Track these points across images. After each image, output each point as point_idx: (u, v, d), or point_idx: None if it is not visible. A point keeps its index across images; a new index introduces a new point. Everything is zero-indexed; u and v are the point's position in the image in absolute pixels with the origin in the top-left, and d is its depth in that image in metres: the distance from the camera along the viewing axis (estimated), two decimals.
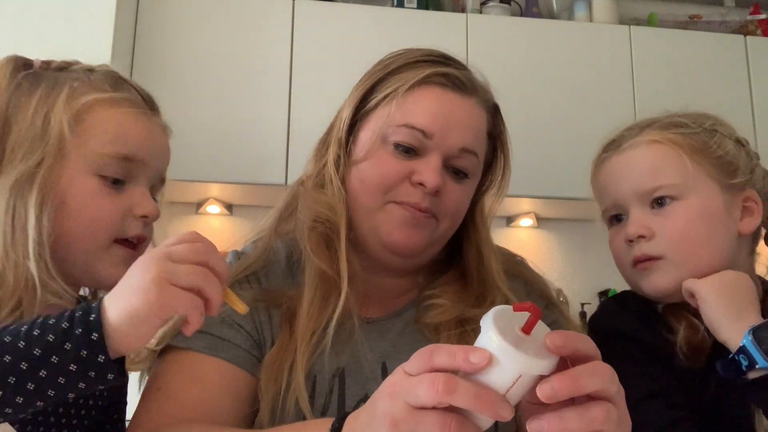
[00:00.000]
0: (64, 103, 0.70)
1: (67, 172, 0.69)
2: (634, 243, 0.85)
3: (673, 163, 0.84)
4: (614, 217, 0.90)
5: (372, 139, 0.83)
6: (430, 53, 0.87)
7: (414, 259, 0.87)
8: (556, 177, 2.29)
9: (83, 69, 0.77)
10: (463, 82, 0.85)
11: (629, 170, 0.87)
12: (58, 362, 0.51)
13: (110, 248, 0.71)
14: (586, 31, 2.52)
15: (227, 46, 2.27)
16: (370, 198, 0.83)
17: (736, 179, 0.85)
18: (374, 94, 0.86)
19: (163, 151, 0.79)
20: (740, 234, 0.85)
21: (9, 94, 0.71)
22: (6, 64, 0.73)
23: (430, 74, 0.83)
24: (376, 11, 2.44)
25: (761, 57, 2.54)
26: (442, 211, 0.83)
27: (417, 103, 0.82)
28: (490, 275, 0.88)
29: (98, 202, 0.70)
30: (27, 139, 0.68)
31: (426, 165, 0.81)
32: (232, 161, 2.15)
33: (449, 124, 0.82)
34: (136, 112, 0.75)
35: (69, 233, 0.69)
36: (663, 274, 0.84)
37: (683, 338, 0.81)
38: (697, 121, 0.88)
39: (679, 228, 0.83)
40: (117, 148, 0.71)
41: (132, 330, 0.55)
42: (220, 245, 2.39)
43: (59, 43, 1.97)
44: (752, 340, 0.72)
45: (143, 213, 0.73)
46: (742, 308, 0.77)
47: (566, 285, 2.55)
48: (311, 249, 0.82)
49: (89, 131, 0.71)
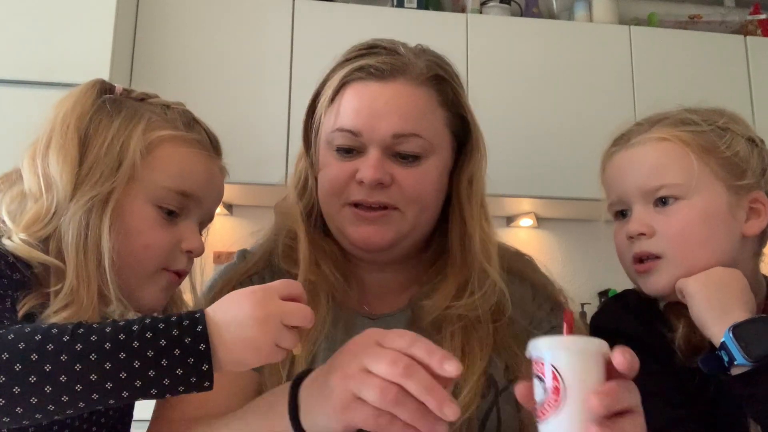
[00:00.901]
0: (140, 134, 0.75)
1: (131, 199, 0.74)
2: (635, 240, 0.85)
3: (678, 162, 0.84)
4: (620, 212, 0.90)
5: (322, 147, 0.87)
6: (353, 48, 0.88)
7: (391, 253, 0.87)
8: (556, 177, 2.29)
9: (161, 104, 0.81)
10: (382, 69, 0.83)
11: (635, 167, 0.86)
12: (167, 365, 0.56)
13: (157, 274, 0.76)
14: (586, 31, 2.52)
15: (227, 46, 2.27)
16: (328, 203, 0.86)
17: (744, 180, 0.84)
18: (317, 105, 0.89)
19: (219, 192, 0.84)
20: (744, 236, 0.84)
21: (92, 114, 0.75)
22: (92, 86, 0.78)
23: (349, 71, 0.84)
24: (376, 11, 2.44)
25: (761, 57, 2.54)
26: (402, 200, 0.83)
27: (342, 105, 0.84)
28: (476, 256, 0.85)
29: (153, 231, 0.74)
30: (105, 162, 0.73)
31: (364, 161, 0.82)
32: (231, 161, 2.14)
33: (373, 115, 0.82)
34: (202, 154, 0.80)
35: (125, 256, 0.73)
36: (662, 275, 0.84)
37: (682, 337, 0.82)
38: (709, 119, 0.87)
39: (679, 228, 0.83)
40: (178, 183, 0.76)
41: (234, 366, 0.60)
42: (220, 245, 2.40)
43: (59, 43, 1.97)
44: (732, 337, 0.72)
45: (189, 248, 0.77)
46: (728, 304, 0.76)
47: (566, 285, 2.51)
48: (282, 261, 0.87)
49: (157, 163, 0.75)
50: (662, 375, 0.83)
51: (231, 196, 2.41)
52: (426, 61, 0.87)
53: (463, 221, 0.87)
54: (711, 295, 0.78)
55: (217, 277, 0.92)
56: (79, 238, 0.70)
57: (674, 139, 0.84)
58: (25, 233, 0.69)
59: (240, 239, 1.00)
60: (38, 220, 0.70)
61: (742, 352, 0.71)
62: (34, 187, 0.71)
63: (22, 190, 0.72)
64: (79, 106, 0.75)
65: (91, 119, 0.74)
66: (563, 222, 2.67)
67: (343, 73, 0.84)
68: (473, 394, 0.78)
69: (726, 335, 0.73)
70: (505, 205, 2.50)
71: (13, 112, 1.78)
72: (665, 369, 0.83)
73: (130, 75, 2.18)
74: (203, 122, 0.84)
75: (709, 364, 0.74)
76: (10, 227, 0.69)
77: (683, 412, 0.80)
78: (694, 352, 0.81)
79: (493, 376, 0.83)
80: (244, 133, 2.19)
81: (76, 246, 0.69)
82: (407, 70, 0.84)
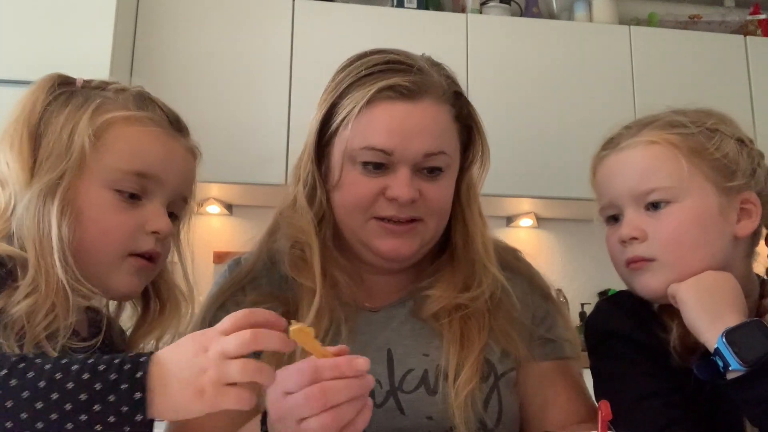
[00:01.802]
0: (88, 120, 0.74)
1: (85, 185, 0.73)
2: (628, 244, 0.85)
3: (668, 166, 0.83)
4: (611, 216, 0.90)
5: (341, 162, 0.86)
6: (376, 63, 0.88)
7: (411, 261, 0.90)
8: (556, 177, 2.29)
9: (116, 88, 0.80)
10: (410, 88, 0.85)
11: (625, 171, 0.86)
12: (100, 411, 0.54)
13: (124, 260, 0.75)
14: (586, 31, 2.52)
15: (227, 46, 2.27)
16: (352, 218, 0.87)
17: (734, 182, 0.84)
18: (333, 117, 0.88)
19: (184, 171, 0.81)
20: (736, 237, 0.84)
21: (42, 108, 0.75)
22: (44, 82, 0.78)
23: (377, 90, 0.84)
24: (376, 11, 2.44)
25: (761, 57, 2.54)
26: (427, 212, 0.86)
27: (371, 123, 0.84)
28: (478, 256, 0.90)
29: (110, 216, 0.73)
30: (54, 152, 0.72)
31: (396, 179, 0.83)
32: (232, 161, 2.15)
33: (406, 136, 0.83)
34: (156, 131, 0.77)
35: (84, 243, 0.72)
36: (655, 276, 0.83)
37: (676, 337, 0.82)
38: (698, 120, 0.87)
39: (671, 231, 0.82)
40: (132, 164, 0.74)
41: (174, 414, 0.58)
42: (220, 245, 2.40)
43: (59, 43, 1.97)
44: (725, 342, 0.72)
45: (154, 229, 0.75)
46: (720, 310, 0.76)
47: (566, 285, 2.55)
48: (291, 272, 0.87)
49: (107, 147, 0.74)
50: (658, 375, 0.83)
51: (231, 196, 2.41)
52: (445, 78, 0.89)
53: (465, 223, 0.91)
54: (703, 301, 0.77)
55: (211, 291, 0.93)
56: (33, 228, 0.69)
57: (663, 143, 0.84)
58: None
59: (240, 239, 1.00)
60: (5, 226, 0.70)
61: (736, 357, 0.71)
62: None
63: None
64: (30, 101, 0.75)
65: (44, 112, 0.75)
66: (563, 222, 2.67)
67: (370, 92, 0.84)
68: (473, 371, 0.82)
69: (719, 341, 0.72)
70: (505, 205, 2.50)
71: None
72: (661, 369, 0.83)
73: (130, 75, 2.18)
74: (160, 101, 0.82)
75: (704, 371, 0.74)
76: None
77: (681, 412, 0.80)
78: (689, 353, 0.81)
79: (491, 361, 0.86)
80: (244, 133, 2.19)
81: (31, 236, 0.69)
82: (432, 89, 0.86)
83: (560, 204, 2.45)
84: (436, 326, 0.86)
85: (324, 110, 0.89)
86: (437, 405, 0.82)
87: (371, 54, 0.90)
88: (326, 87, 0.91)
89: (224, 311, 0.86)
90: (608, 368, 0.87)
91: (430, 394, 0.84)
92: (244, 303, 0.88)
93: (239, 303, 0.88)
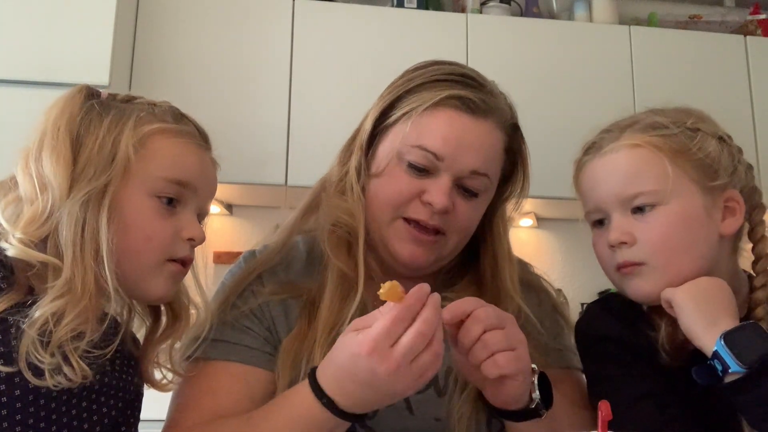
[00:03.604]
0: (131, 130, 0.76)
1: (129, 192, 0.75)
2: (617, 249, 0.85)
3: (653, 169, 0.83)
4: (597, 221, 0.90)
5: (389, 155, 0.87)
6: (451, 72, 0.89)
7: (423, 271, 0.90)
8: (556, 177, 2.27)
9: (147, 102, 0.83)
10: (478, 105, 0.86)
11: (610, 175, 0.86)
12: None
13: (163, 265, 0.77)
14: (586, 31, 2.52)
15: (227, 47, 2.27)
16: (382, 211, 0.87)
17: (717, 181, 0.84)
18: (394, 110, 0.88)
19: (212, 182, 0.86)
20: (722, 236, 0.84)
21: (82, 115, 0.77)
22: (79, 91, 0.80)
23: (447, 96, 0.85)
24: (376, 11, 2.43)
25: (761, 57, 2.53)
26: (451, 228, 0.87)
27: (431, 125, 0.85)
28: (504, 286, 0.90)
29: (153, 222, 0.76)
30: (98, 160, 0.74)
31: (436, 185, 0.84)
32: (232, 161, 2.13)
33: (460, 147, 0.84)
34: (191, 143, 0.82)
35: (126, 248, 0.74)
36: (646, 280, 0.83)
37: (665, 336, 0.82)
38: (678, 120, 0.86)
39: (659, 234, 0.82)
40: (173, 172, 0.78)
41: None
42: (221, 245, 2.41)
43: (59, 43, 1.97)
44: (723, 344, 0.72)
45: (190, 236, 0.79)
46: (716, 314, 0.76)
47: (566, 285, 2.55)
48: (331, 251, 0.87)
49: (150, 156, 0.77)
50: (651, 376, 0.83)
51: (231, 196, 2.40)
52: (509, 107, 0.92)
53: (494, 255, 0.93)
54: (699, 306, 0.78)
55: (225, 281, 0.93)
56: (75, 233, 0.71)
57: (647, 145, 0.84)
58: (22, 234, 0.70)
59: (240, 239, 1.00)
60: (34, 220, 0.71)
61: (735, 359, 0.71)
62: (29, 190, 0.73)
63: (18, 195, 0.74)
64: (68, 109, 0.77)
65: (82, 120, 0.76)
66: (563, 222, 2.67)
67: (441, 95, 0.85)
68: None
69: (718, 344, 0.73)
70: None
71: (13, 112, 1.78)
72: (653, 370, 0.83)
73: (129, 75, 2.18)
74: (191, 116, 0.86)
75: (703, 376, 0.75)
76: (7, 230, 0.71)
77: (675, 412, 0.80)
78: (678, 351, 0.81)
79: None
80: (244, 133, 2.19)
81: (72, 241, 0.70)
82: (497, 113, 0.88)
83: (560, 204, 2.45)
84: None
85: (388, 101, 0.89)
86: (446, 407, 0.82)
87: (448, 64, 0.91)
88: (393, 81, 0.91)
89: (242, 300, 0.87)
90: (601, 371, 0.88)
91: (439, 396, 0.84)
92: (261, 293, 0.88)
93: (256, 293, 0.89)
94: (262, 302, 0.88)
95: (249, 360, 0.84)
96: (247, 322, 0.87)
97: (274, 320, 0.87)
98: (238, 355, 0.84)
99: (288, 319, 0.87)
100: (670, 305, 0.81)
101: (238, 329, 0.86)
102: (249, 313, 0.87)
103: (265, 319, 0.87)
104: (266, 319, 0.87)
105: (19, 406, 0.66)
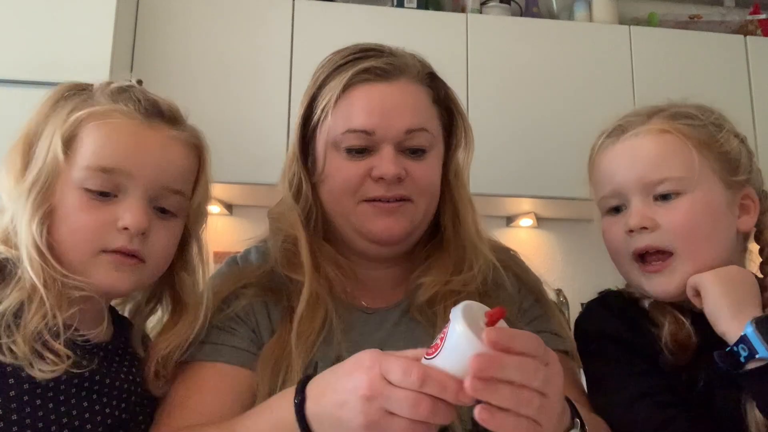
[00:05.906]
0: (62, 122, 0.75)
1: (60, 186, 0.74)
2: (635, 234, 0.84)
3: (680, 155, 0.82)
4: (612, 208, 0.89)
5: (324, 152, 0.88)
6: (349, 53, 0.89)
7: (403, 245, 0.90)
8: (556, 177, 2.29)
9: (104, 85, 0.81)
10: (385, 69, 0.87)
11: (635, 159, 0.85)
12: None
13: (97, 257, 0.75)
14: (586, 31, 2.52)
15: (227, 46, 2.26)
16: (341, 204, 0.88)
17: (738, 176, 0.84)
18: (314, 111, 0.89)
19: (162, 162, 0.78)
20: (738, 231, 0.84)
21: (43, 118, 0.77)
22: (54, 92, 0.79)
23: (353, 74, 0.86)
24: (376, 11, 2.43)
25: (761, 57, 2.53)
26: (415, 192, 0.87)
27: (350, 107, 0.86)
28: (468, 235, 0.90)
29: (79, 215, 0.74)
30: (38, 156, 0.75)
31: (380, 158, 0.85)
32: (232, 161, 2.15)
33: (386, 114, 0.85)
34: (124, 123, 0.76)
35: (59, 243, 0.74)
36: (675, 274, 0.82)
37: (668, 334, 0.81)
38: (703, 114, 0.87)
39: (684, 221, 0.81)
40: (96, 159, 0.74)
41: None
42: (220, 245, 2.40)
43: (59, 43, 1.97)
44: (755, 329, 0.72)
45: (123, 225, 0.75)
46: (743, 302, 0.77)
47: (566, 285, 2.55)
48: (283, 268, 0.88)
49: (77, 146, 0.75)
50: (651, 375, 0.82)
51: (231, 196, 2.41)
52: (418, 61, 0.91)
53: (454, 205, 0.93)
54: (728, 291, 0.77)
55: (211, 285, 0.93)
56: (21, 231, 0.73)
57: (675, 132, 0.83)
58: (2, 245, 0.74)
59: (240, 239, 1.01)
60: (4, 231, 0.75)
61: (766, 344, 0.71)
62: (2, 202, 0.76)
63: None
64: (35, 114, 0.78)
65: (41, 122, 0.77)
66: (563, 222, 2.67)
67: (346, 77, 0.86)
68: None
69: (748, 327, 0.72)
70: (505, 205, 2.50)
71: (13, 112, 1.77)
72: (653, 369, 0.83)
73: (130, 75, 2.18)
74: (143, 91, 0.82)
75: (725, 360, 0.74)
76: None
77: (675, 411, 0.80)
78: (681, 349, 0.81)
79: None
80: (244, 133, 2.19)
81: (19, 236, 0.73)
82: (407, 70, 0.88)
83: (560, 204, 2.45)
84: (429, 313, 0.87)
85: (305, 105, 0.91)
86: None
87: (345, 48, 0.91)
88: (304, 93, 0.93)
89: (227, 303, 0.87)
90: (601, 369, 0.87)
91: None
92: (245, 295, 0.89)
93: (240, 296, 0.89)
94: (246, 304, 0.88)
95: (235, 360, 0.84)
96: (233, 324, 0.87)
97: (257, 322, 0.88)
98: (225, 356, 0.85)
99: (270, 321, 0.88)
100: (695, 292, 0.80)
101: (225, 330, 0.87)
102: (234, 315, 0.88)
103: (250, 321, 0.88)
104: (251, 321, 0.88)
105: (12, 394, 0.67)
